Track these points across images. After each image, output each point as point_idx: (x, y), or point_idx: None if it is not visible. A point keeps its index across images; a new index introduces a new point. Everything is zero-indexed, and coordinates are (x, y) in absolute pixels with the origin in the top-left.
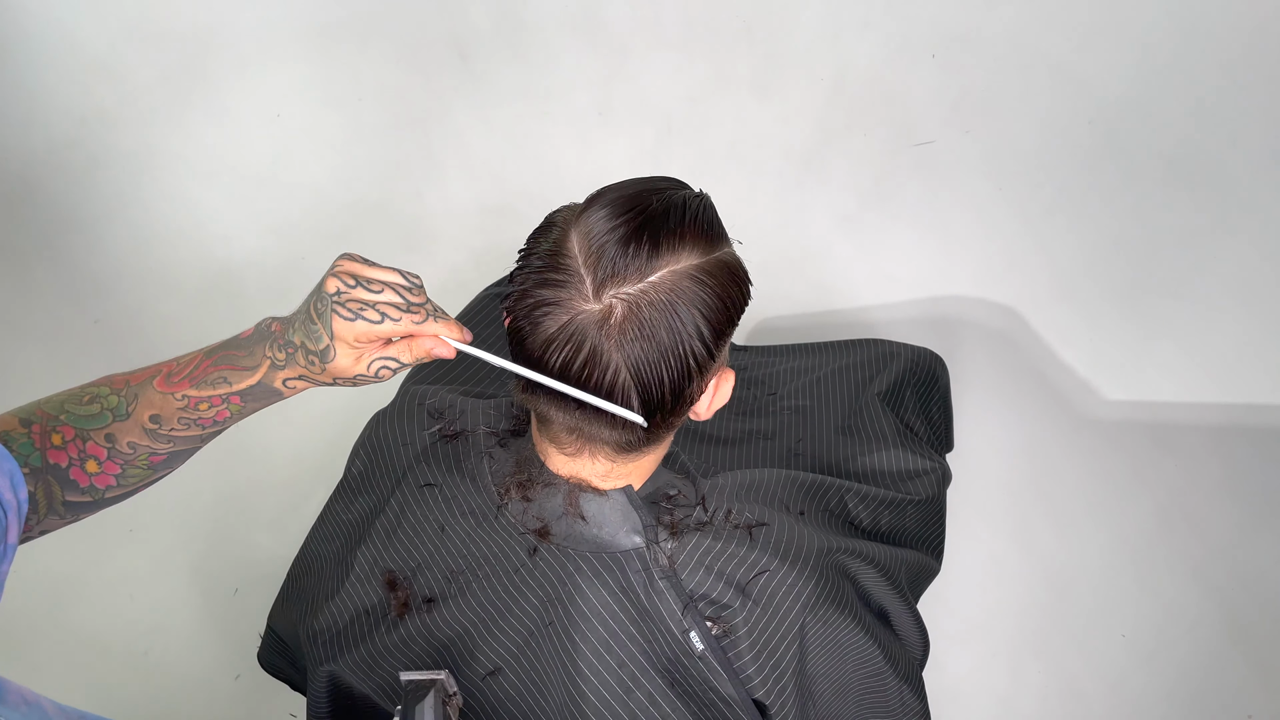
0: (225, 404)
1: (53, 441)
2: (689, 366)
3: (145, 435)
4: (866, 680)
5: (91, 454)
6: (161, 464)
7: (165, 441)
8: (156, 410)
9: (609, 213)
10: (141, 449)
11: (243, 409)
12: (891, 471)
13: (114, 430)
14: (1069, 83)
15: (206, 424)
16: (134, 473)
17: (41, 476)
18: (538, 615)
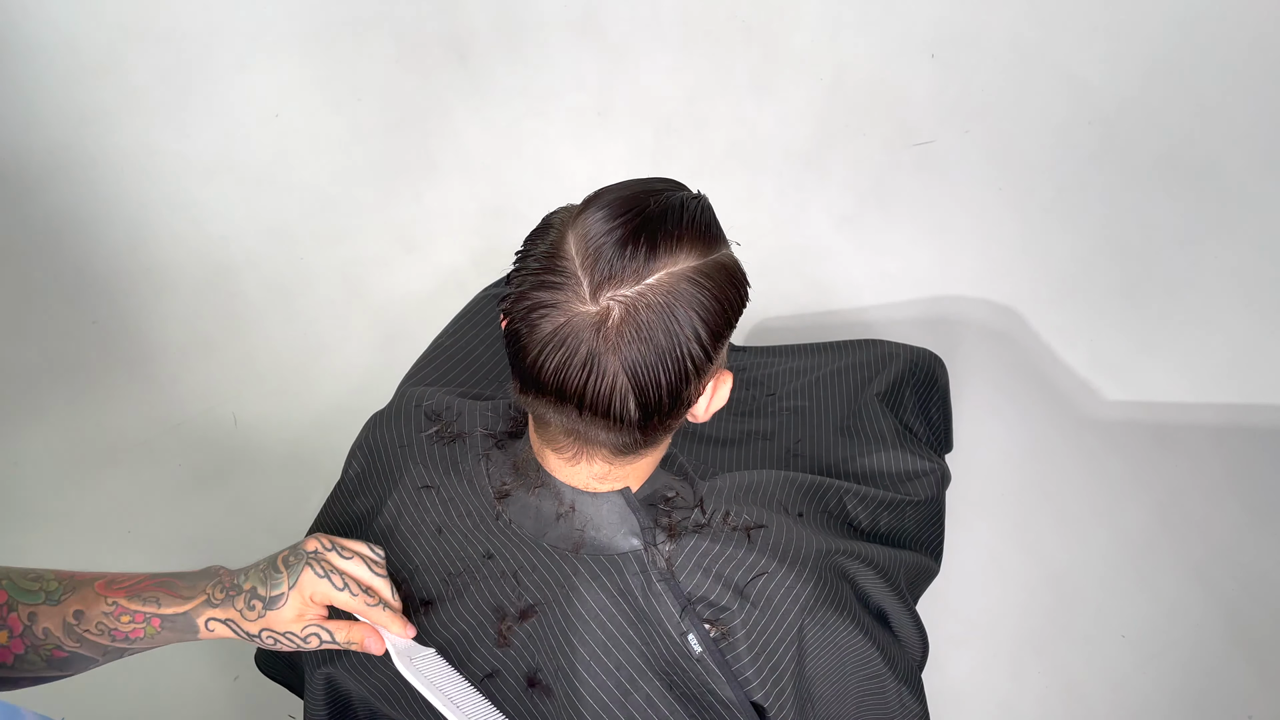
0: (146, 623)
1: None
2: (686, 369)
3: (61, 627)
4: (865, 682)
5: (8, 624)
6: (57, 664)
7: (74, 640)
8: (83, 607)
9: (606, 214)
10: (52, 639)
11: (156, 635)
12: (890, 472)
13: (38, 611)
14: (1068, 83)
15: (119, 636)
16: (32, 661)
17: None
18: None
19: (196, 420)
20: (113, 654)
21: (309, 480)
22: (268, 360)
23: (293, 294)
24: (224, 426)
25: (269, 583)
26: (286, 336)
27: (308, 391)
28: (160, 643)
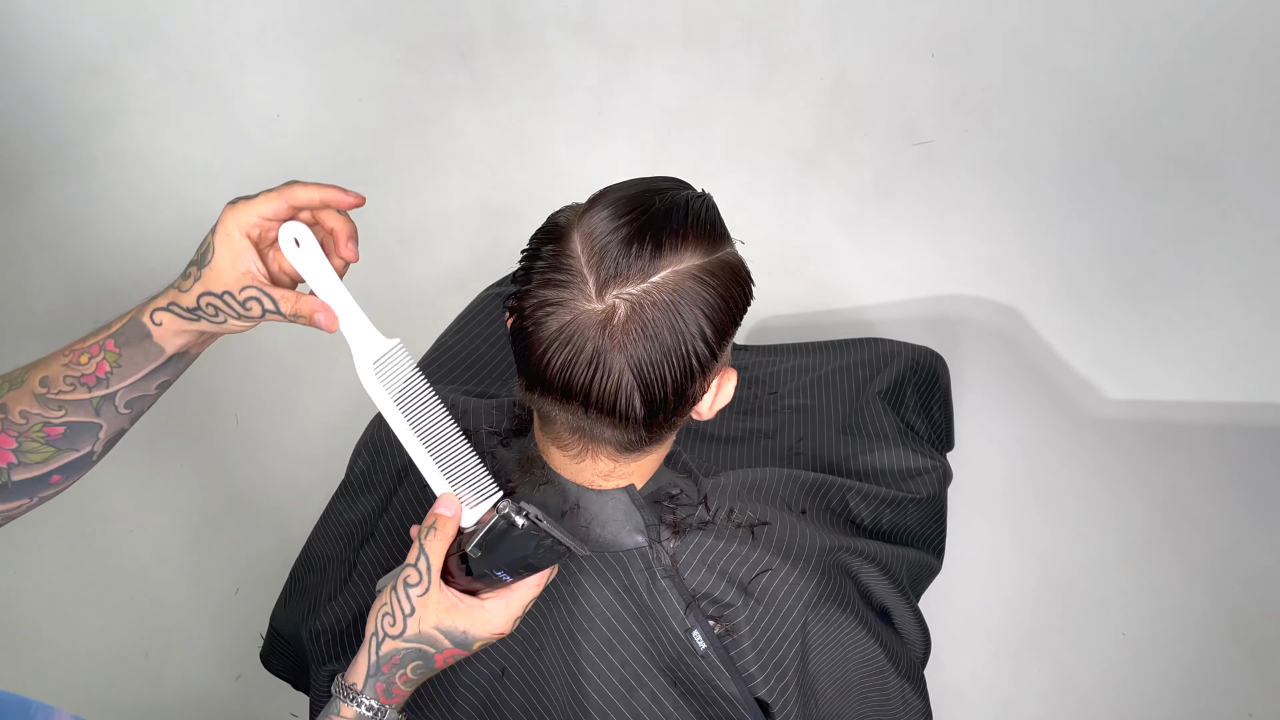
0: (102, 352)
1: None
2: (692, 366)
3: (35, 401)
4: (868, 679)
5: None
6: (62, 440)
7: (56, 408)
8: (45, 373)
9: (612, 213)
10: (34, 418)
11: (119, 357)
12: (892, 470)
13: (7, 400)
14: (1069, 82)
15: (90, 381)
16: (32, 447)
17: None
18: (540, 615)
19: (198, 420)
20: (99, 400)
21: (311, 479)
22: (269, 360)
23: None
24: (226, 426)
25: (199, 249)
26: (288, 336)
27: (309, 391)
28: (132, 370)
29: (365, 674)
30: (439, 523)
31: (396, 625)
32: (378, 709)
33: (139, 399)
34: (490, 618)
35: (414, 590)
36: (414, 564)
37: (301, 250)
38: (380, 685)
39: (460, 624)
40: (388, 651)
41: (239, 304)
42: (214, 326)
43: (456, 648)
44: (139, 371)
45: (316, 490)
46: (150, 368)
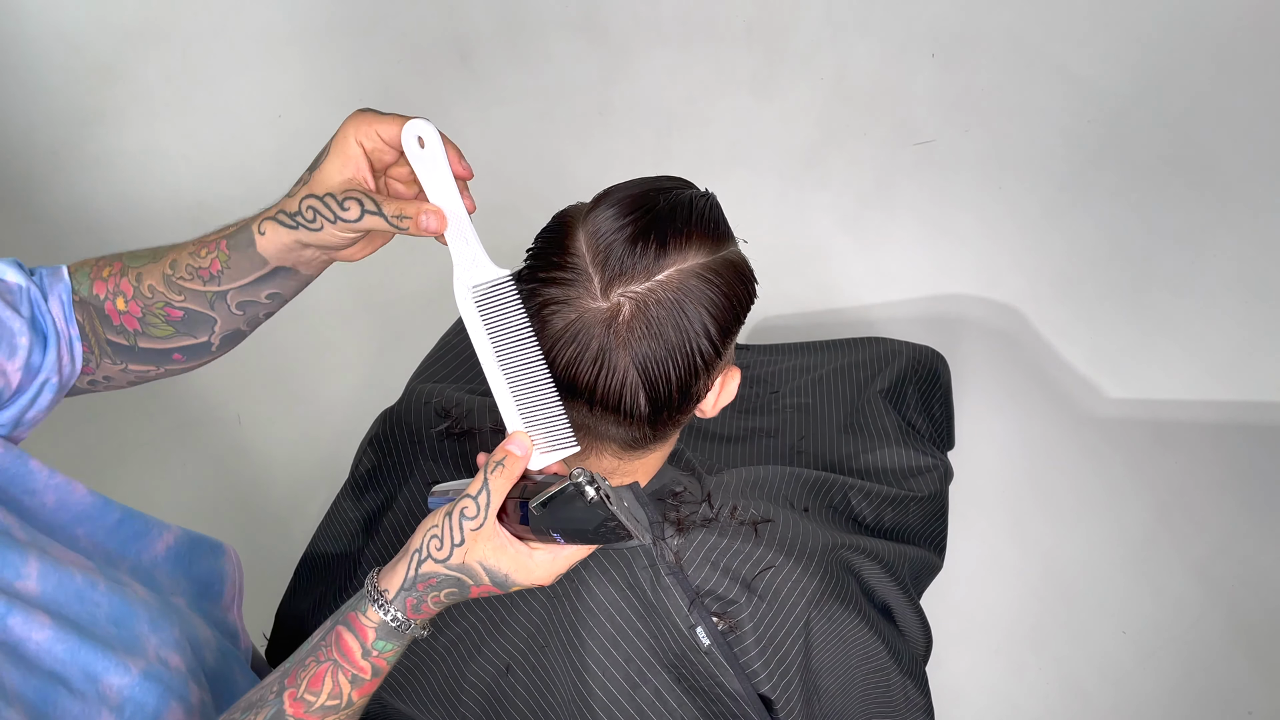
0: (216, 250)
1: (102, 274)
2: (696, 364)
3: (163, 281)
4: (871, 675)
5: (122, 290)
6: (180, 323)
7: (177, 293)
8: (175, 257)
9: (616, 212)
10: (159, 295)
11: (229, 259)
12: (894, 468)
13: (144, 270)
14: (1069, 81)
15: (205, 275)
16: (154, 322)
17: (86, 308)
18: (545, 612)
19: (201, 419)
20: (218, 304)
21: (313, 479)
22: (271, 360)
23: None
24: (228, 426)
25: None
26: (290, 336)
27: (311, 391)
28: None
29: (399, 586)
30: (508, 460)
31: (443, 550)
32: (403, 621)
33: (250, 304)
34: (535, 568)
35: (469, 523)
36: (474, 496)
37: (425, 151)
38: (411, 600)
39: (505, 566)
40: (427, 572)
41: (338, 204)
42: (311, 235)
43: (494, 585)
44: (245, 278)
45: (319, 489)
46: (255, 276)
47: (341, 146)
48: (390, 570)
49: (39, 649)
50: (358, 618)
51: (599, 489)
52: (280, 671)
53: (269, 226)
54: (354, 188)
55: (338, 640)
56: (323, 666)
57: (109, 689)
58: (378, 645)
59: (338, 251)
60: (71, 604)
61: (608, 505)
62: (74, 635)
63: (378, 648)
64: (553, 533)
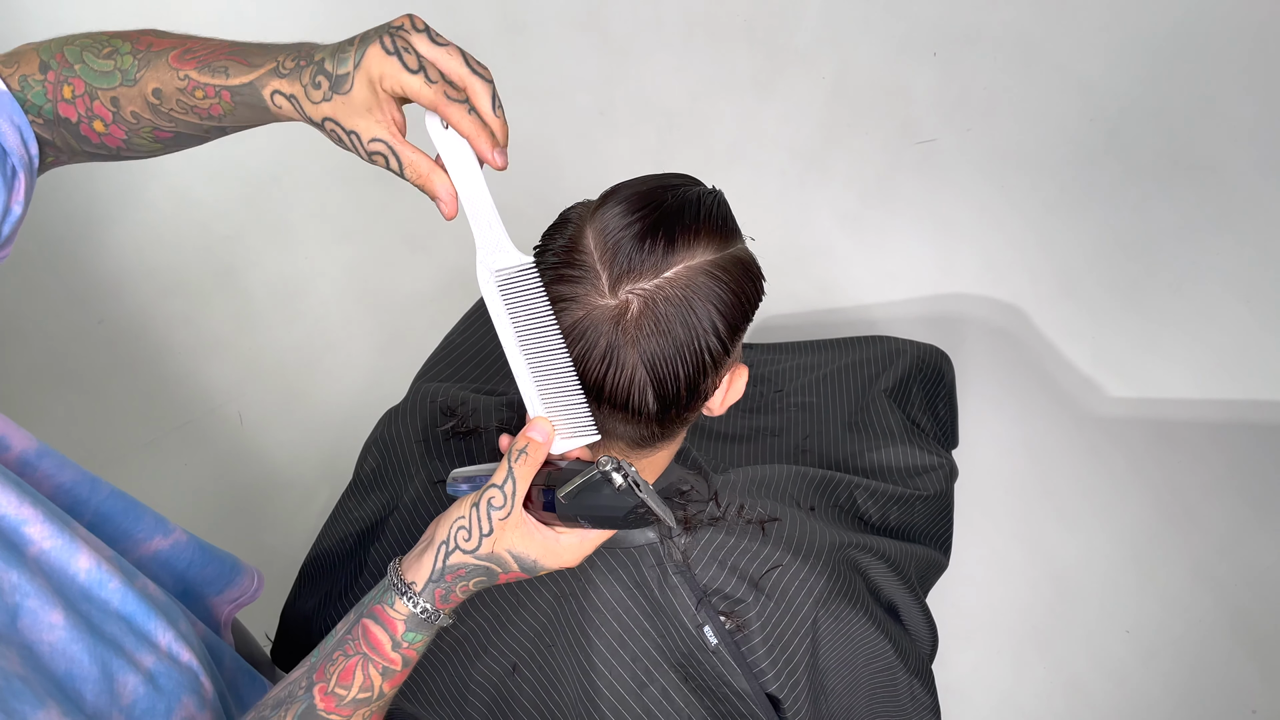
0: (217, 97)
1: (63, 94)
2: (704, 362)
3: (147, 108)
4: (877, 675)
5: (98, 114)
6: (170, 141)
7: (166, 120)
8: (159, 85)
9: (624, 209)
10: (145, 121)
11: (231, 111)
12: (899, 467)
13: (119, 95)
14: (1070, 81)
15: (202, 114)
16: (141, 143)
17: (55, 129)
18: (552, 611)
19: (202, 420)
20: (210, 129)
21: (315, 478)
22: (273, 360)
23: (297, 293)
24: (230, 425)
25: (338, 58)
26: (291, 336)
27: (313, 391)
28: (238, 123)
29: (427, 578)
30: (530, 447)
31: (471, 541)
32: (432, 612)
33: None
34: (563, 552)
35: (496, 513)
36: (500, 485)
37: (449, 133)
38: (440, 591)
39: (533, 552)
40: (455, 563)
41: (363, 146)
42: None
43: (522, 571)
44: (247, 123)
45: (320, 489)
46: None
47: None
48: (415, 562)
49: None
50: (384, 610)
51: (626, 475)
52: (307, 667)
53: (284, 104)
54: (383, 135)
55: (365, 633)
56: (352, 660)
57: (121, 689)
58: (407, 637)
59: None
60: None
61: (636, 492)
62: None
63: (407, 639)
64: (580, 519)
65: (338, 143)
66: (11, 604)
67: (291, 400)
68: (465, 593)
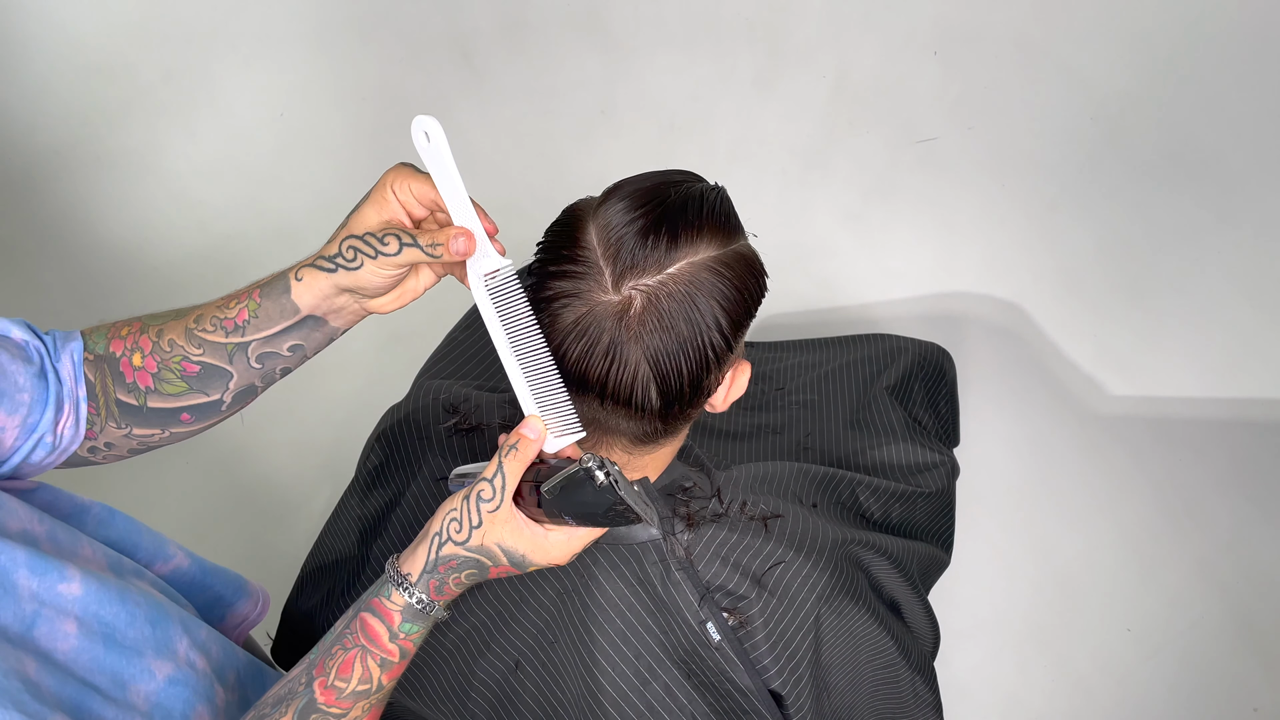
0: (247, 299)
1: (120, 333)
2: (707, 357)
3: (184, 334)
4: (880, 671)
5: (140, 346)
6: (195, 379)
7: (196, 345)
8: (201, 311)
9: (627, 205)
10: (178, 349)
11: (259, 308)
12: (901, 465)
13: (165, 327)
14: (1071, 79)
15: (229, 326)
16: (169, 378)
17: (100, 366)
18: (554, 607)
19: None
20: (238, 356)
21: (316, 477)
22: None
23: None
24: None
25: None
26: None
27: (313, 389)
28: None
29: (421, 569)
30: (521, 444)
31: (462, 533)
32: (427, 603)
33: (270, 355)
34: (551, 548)
35: (485, 505)
36: (490, 479)
37: (431, 145)
38: (434, 583)
39: (522, 547)
40: (447, 554)
41: (378, 240)
42: (350, 276)
43: (512, 566)
44: (273, 326)
45: (322, 488)
46: (282, 325)
47: (379, 194)
48: (410, 554)
49: (65, 658)
50: (382, 603)
51: (608, 473)
52: (306, 664)
53: (306, 273)
54: (389, 226)
55: (363, 626)
56: (351, 653)
57: (137, 694)
58: (404, 628)
59: (372, 300)
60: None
61: (616, 490)
62: (99, 644)
63: (404, 630)
64: (565, 515)
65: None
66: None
67: (292, 399)
68: (459, 585)
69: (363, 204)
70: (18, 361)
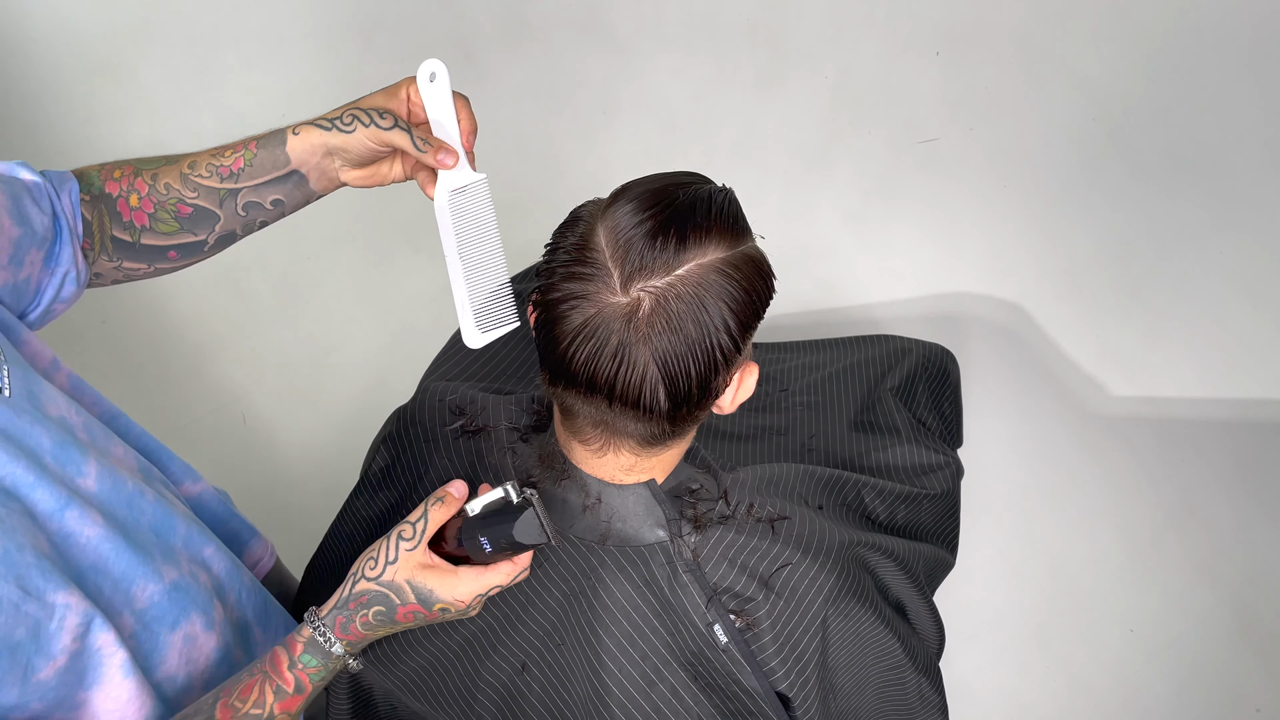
0: (243, 149)
1: (114, 175)
2: (716, 359)
3: (179, 179)
4: (886, 673)
5: (136, 188)
6: (186, 220)
7: (191, 190)
8: (195, 159)
9: (635, 207)
10: (173, 192)
11: (254, 157)
12: (906, 466)
13: (159, 171)
14: (1072, 80)
15: (224, 173)
16: (163, 218)
17: (97, 205)
18: (561, 610)
19: (205, 419)
20: (228, 202)
21: (319, 478)
22: (276, 359)
23: (300, 293)
24: (233, 425)
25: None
26: (294, 335)
27: (316, 390)
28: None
29: (333, 606)
30: (447, 499)
31: (376, 569)
32: (330, 638)
33: (254, 205)
34: (458, 584)
35: (404, 544)
36: (413, 522)
37: (434, 85)
38: (340, 619)
39: (429, 583)
40: (358, 591)
41: (377, 114)
42: (342, 138)
43: (419, 604)
44: (263, 176)
45: (324, 489)
46: (271, 176)
47: (394, 88)
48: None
49: (87, 544)
50: (293, 635)
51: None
52: (221, 686)
53: (304, 128)
54: (392, 112)
55: (271, 656)
56: (254, 678)
57: (141, 593)
58: (303, 659)
59: (351, 170)
60: (121, 508)
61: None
62: (120, 537)
63: (303, 661)
64: (481, 538)
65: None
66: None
67: (295, 400)
68: (365, 625)
69: (377, 92)
70: (34, 204)
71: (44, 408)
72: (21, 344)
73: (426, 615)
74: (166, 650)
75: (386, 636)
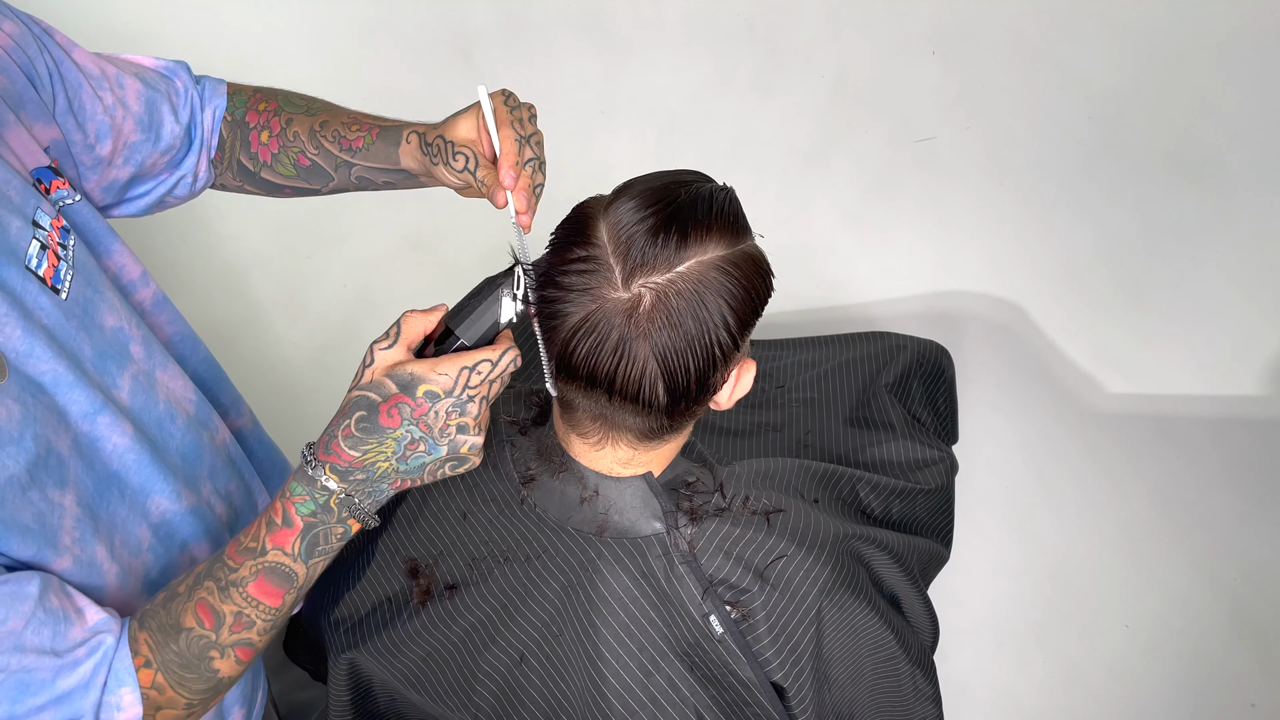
0: (366, 132)
1: (259, 106)
2: (715, 355)
3: (307, 133)
4: (880, 665)
5: (270, 126)
6: (304, 171)
7: (315, 146)
8: (328, 119)
9: (637, 204)
10: (299, 142)
11: (373, 144)
12: (901, 462)
13: (295, 118)
14: (1069, 78)
15: (346, 146)
16: (284, 162)
17: (235, 129)
18: (559, 601)
19: None
20: (342, 170)
21: None
22: (276, 359)
23: (300, 293)
24: None
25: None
26: (294, 335)
27: (315, 390)
28: (373, 159)
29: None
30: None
31: (355, 378)
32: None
33: (367, 180)
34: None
35: (379, 345)
36: (388, 330)
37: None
38: (324, 439)
39: (410, 369)
40: (342, 404)
41: (452, 152)
42: (430, 166)
43: (401, 392)
44: (376, 163)
45: None
46: (383, 165)
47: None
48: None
49: (113, 450)
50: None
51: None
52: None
53: (413, 139)
54: (469, 145)
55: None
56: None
57: (155, 507)
58: (292, 487)
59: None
60: (150, 426)
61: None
62: (145, 451)
63: (291, 489)
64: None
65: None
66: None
67: (294, 399)
68: (348, 439)
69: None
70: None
71: (98, 316)
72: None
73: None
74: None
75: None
